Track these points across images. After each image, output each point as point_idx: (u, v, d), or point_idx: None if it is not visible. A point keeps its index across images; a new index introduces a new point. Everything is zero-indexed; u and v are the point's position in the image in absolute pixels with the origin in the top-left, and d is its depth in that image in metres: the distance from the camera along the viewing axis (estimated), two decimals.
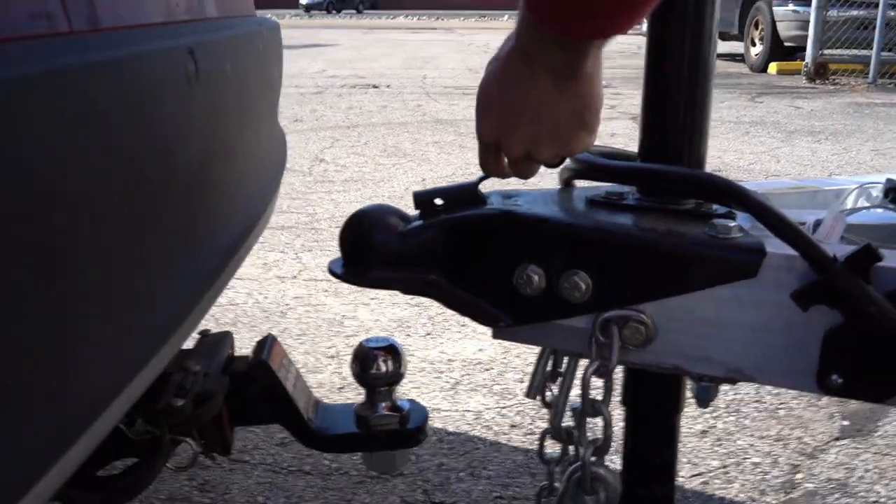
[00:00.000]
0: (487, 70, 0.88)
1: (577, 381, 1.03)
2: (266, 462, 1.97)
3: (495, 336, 1.07)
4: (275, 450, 2.02)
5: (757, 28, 10.67)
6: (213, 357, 1.21)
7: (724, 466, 1.92)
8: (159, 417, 1.11)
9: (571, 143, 0.88)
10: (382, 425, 1.23)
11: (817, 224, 1.05)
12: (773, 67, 10.40)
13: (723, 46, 12.95)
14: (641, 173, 1.03)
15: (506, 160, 0.93)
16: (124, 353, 0.69)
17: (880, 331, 0.85)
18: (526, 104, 0.84)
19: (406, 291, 1.05)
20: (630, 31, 1.03)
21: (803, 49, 9.66)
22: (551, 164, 0.94)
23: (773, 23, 10.17)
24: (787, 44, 10.23)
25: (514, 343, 2.52)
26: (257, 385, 1.20)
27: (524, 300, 0.99)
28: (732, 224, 0.94)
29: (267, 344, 1.25)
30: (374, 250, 1.02)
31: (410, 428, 1.24)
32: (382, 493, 1.84)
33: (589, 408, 1.00)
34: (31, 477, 0.55)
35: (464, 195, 1.01)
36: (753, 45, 10.81)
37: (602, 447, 1.00)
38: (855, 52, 9.45)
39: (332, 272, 1.06)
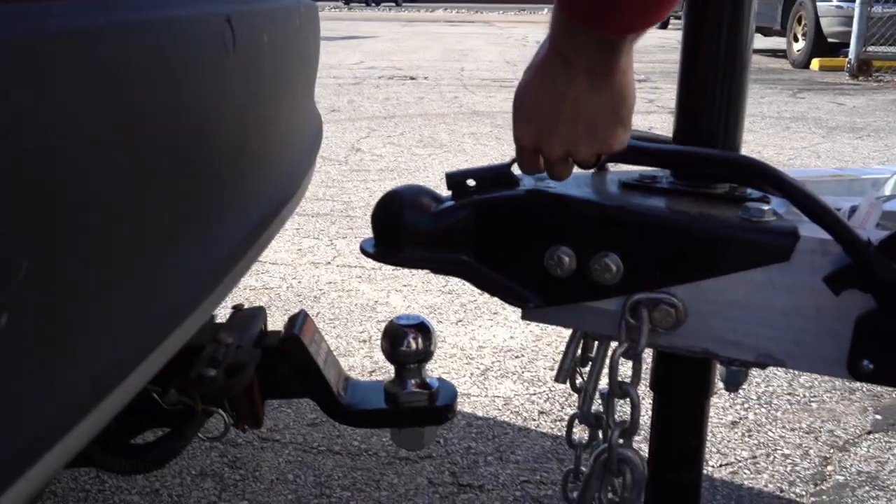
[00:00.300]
0: (523, 77, 0.90)
1: (606, 367, 1.04)
2: (296, 441, 1.99)
3: (524, 317, 1.07)
4: (305, 430, 2.04)
5: (800, 23, 10.52)
6: (245, 330, 1.23)
7: (754, 457, 1.91)
8: (192, 388, 1.13)
9: (608, 140, 0.89)
10: (411, 402, 1.24)
11: (853, 210, 1.04)
12: (815, 63, 10.25)
13: (765, 42, 12.80)
14: (676, 156, 1.02)
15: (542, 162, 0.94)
16: (150, 320, 0.70)
17: None
18: (564, 105, 0.86)
19: (436, 271, 1.06)
20: (670, 27, 1.04)
21: (847, 45, 9.51)
22: (588, 166, 0.95)
23: (817, 18, 10.02)
24: (830, 40, 10.07)
25: (545, 331, 2.54)
26: (289, 359, 1.22)
27: (554, 281, 0.99)
28: (766, 207, 0.93)
29: (299, 319, 1.27)
30: (405, 230, 1.02)
31: (439, 405, 1.25)
32: (410, 475, 1.86)
33: (617, 390, 0.99)
34: (54, 436, 0.56)
35: (496, 176, 1.01)
36: (796, 40, 10.67)
37: (629, 429, 1.00)
38: None
39: (363, 251, 1.07)
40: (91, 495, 1.77)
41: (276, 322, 1.56)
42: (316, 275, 3.09)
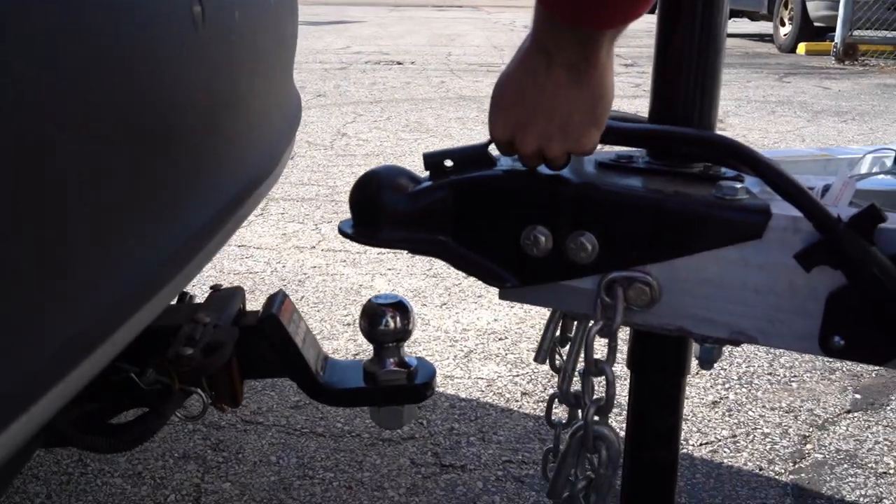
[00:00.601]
0: (504, 70, 0.91)
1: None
2: (279, 423, 2.00)
3: (502, 297, 1.07)
4: (288, 412, 2.04)
5: (786, 8, 10.51)
6: (223, 310, 1.23)
7: (734, 436, 1.93)
8: (169, 367, 1.13)
9: (581, 139, 0.91)
10: (390, 380, 1.25)
11: (826, 189, 1.05)
12: (801, 48, 10.24)
13: (752, 26, 12.79)
14: (650, 135, 1.03)
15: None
16: (117, 294, 0.70)
17: (883, 292, 0.85)
18: (541, 100, 0.87)
19: (414, 251, 1.06)
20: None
21: (833, 29, 9.52)
22: (557, 165, 0.96)
23: (803, 2, 10.02)
24: (816, 24, 10.07)
25: (528, 314, 2.55)
26: (267, 338, 1.21)
27: (531, 261, 1.00)
28: (739, 186, 0.94)
29: (277, 299, 1.27)
30: (383, 210, 1.03)
31: (418, 384, 1.25)
32: (393, 456, 1.86)
33: (593, 368, 1.00)
34: (18, 406, 0.56)
35: (474, 156, 1.01)
36: (783, 24, 10.66)
37: (605, 406, 1.01)
38: (885, 33, 9.28)
39: (341, 231, 1.08)
40: (73, 478, 1.77)
41: (259, 305, 1.57)
42: (300, 259, 3.09)
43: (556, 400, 1.45)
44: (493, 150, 1.00)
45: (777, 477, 1.77)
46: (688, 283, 0.96)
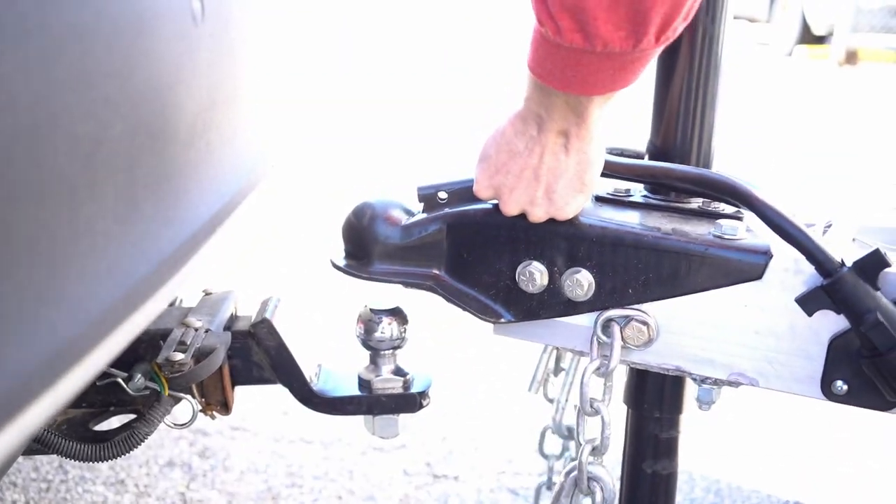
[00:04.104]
0: (493, 130, 0.91)
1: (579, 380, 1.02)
2: (268, 431, 1.95)
3: (496, 332, 1.06)
4: (278, 419, 2.00)
5: (786, 12, 10.45)
6: (215, 314, 1.19)
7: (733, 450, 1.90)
8: (159, 373, 1.09)
9: (565, 207, 0.91)
10: (386, 389, 1.21)
11: (829, 227, 1.02)
12: (801, 53, 10.15)
13: (751, 32, 12.79)
14: (648, 172, 1.01)
15: None
16: (108, 300, 0.66)
17: (888, 338, 0.82)
18: (528, 163, 0.88)
19: (407, 286, 1.05)
20: None
21: (833, 35, 9.44)
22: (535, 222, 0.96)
23: (803, 7, 9.97)
24: (816, 30, 9.99)
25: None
26: (260, 343, 1.17)
27: (526, 297, 0.99)
28: (739, 224, 0.93)
29: (271, 303, 1.23)
30: (375, 242, 1.02)
31: (414, 392, 1.21)
32: (385, 464, 1.82)
33: (588, 408, 0.98)
34: (4, 417, 0.53)
35: (468, 190, 1.00)
36: (782, 30, 10.59)
37: (599, 447, 0.98)
38: (887, 36, 9.19)
39: (333, 264, 1.06)
40: (53, 486, 1.72)
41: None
42: None
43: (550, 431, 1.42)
44: None
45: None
46: (686, 323, 0.95)
